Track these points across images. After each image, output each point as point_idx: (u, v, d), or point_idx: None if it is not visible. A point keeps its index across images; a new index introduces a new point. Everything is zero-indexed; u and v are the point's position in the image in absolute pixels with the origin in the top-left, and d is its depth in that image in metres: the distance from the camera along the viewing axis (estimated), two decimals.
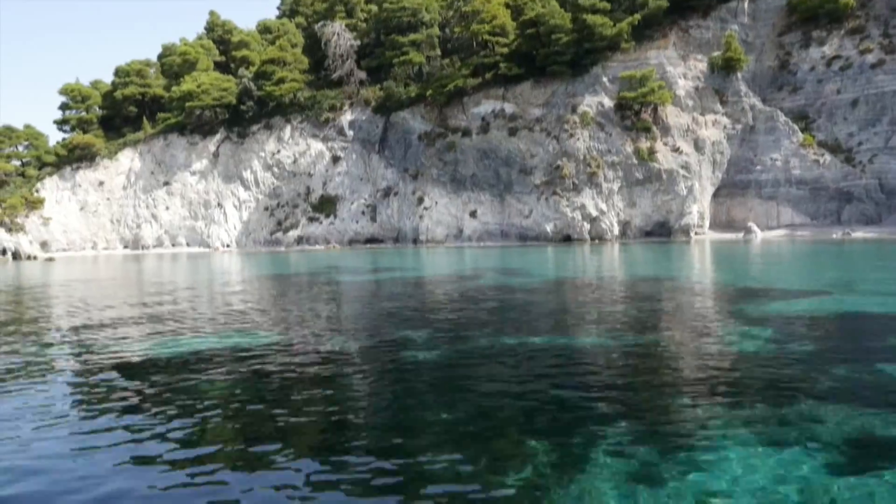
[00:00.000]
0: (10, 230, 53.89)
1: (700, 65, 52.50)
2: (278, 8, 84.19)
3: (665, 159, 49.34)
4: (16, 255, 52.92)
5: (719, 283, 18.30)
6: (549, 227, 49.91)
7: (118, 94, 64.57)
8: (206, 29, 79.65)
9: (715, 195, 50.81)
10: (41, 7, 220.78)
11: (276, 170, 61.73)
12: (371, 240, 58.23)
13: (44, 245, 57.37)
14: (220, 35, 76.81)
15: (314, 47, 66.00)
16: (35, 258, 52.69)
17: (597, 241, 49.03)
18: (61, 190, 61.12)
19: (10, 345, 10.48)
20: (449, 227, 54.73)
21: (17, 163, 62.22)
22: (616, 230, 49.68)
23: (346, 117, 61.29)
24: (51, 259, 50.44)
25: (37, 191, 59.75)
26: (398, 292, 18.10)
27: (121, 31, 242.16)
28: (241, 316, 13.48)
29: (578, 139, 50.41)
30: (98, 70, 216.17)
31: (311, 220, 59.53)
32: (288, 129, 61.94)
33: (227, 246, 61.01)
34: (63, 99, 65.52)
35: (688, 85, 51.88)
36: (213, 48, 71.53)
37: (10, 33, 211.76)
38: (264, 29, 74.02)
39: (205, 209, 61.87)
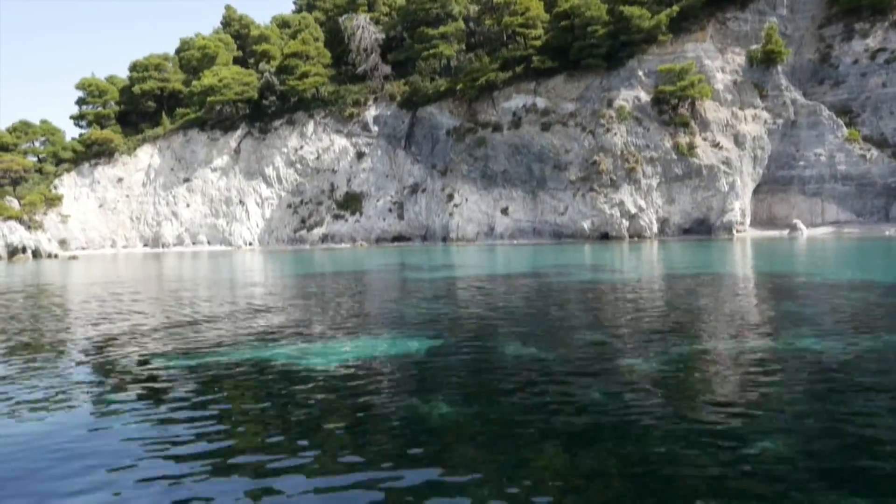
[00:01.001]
0: (29, 228, 52.44)
1: (738, 58, 51.17)
2: (294, 2, 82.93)
3: (705, 155, 48.00)
4: (36, 254, 51.49)
5: (820, 278, 16.89)
6: (585, 225, 48.56)
7: (136, 88, 63.13)
8: (222, 24, 78.34)
9: (755, 192, 49.45)
10: (53, 5, 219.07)
11: (298, 166, 60.35)
12: (398, 238, 56.85)
13: (62, 243, 55.94)
14: (236, 30, 75.52)
15: (334, 41, 64.69)
16: (56, 256, 51.29)
17: (636, 238, 47.68)
18: (79, 186, 59.70)
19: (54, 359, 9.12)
20: (479, 225, 53.37)
21: (33, 158, 60.68)
22: (655, 227, 48.33)
23: (371, 112, 59.92)
24: (74, 257, 49.01)
25: (54, 187, 58.35)
26: (471, 293, 16.72)
27: (132, 28, 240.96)
28: (298, 321, 12.12)
29: (616, 134, 49.06)
30: (110, 67, 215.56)
31: (336, 217, 58.14)
32: (311, 124, 60.56)
33: (250, 244, 59.63)
34: (80, 94, 64.04)
35: (726, 79, 50.55)
36: (232, 43, 70.14)
37: (23, 30, 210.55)
38: (282, 23, 72.67)
39: (226, 206, 60.48)
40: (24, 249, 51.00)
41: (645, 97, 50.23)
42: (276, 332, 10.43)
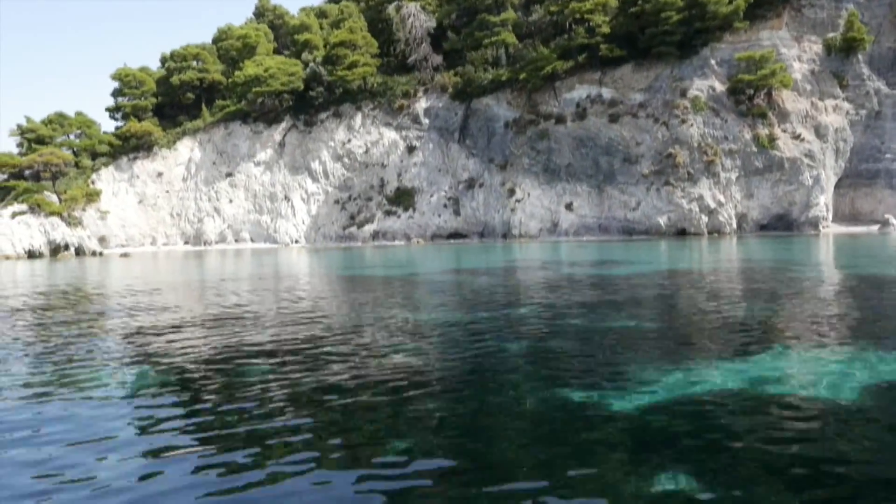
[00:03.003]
0: (68, 224, 49.84)
1: (815, 46, 48.97)
2: None
3: (787, 147, 45.76)
4: (79, 251, 48.89)
5: None
6: (661, 220, 46.26)
7: (174, 79, 60.50)
8: (255, 14, 75.84)
9: (836, 186, 47.30)
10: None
11: (346, 160, 57.89)
12: (453, 234, 54.45)
13: (102, 240, 53.33)
14: (270, 20, 72.99)
15: (376, 31, 62.23)
16: (101, 254, 48.70)
17: (715, 234, 45.42)
18: (118, 181, 57.11)
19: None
20: (542, 221, 51.02)
21: (68, 152, 57.95)
22: (734, 223, 46.07)
23: (421, 104, 57.50)
24: (125, 255, 46.39)
25: (92, 182, 55.73)
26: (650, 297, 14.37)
27: (160, 20, 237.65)
28: (402, 332, 9.76)
29: (692, 125, 46.77)
30: (138, 58, 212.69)
31: (387, 213, 55.68)
32: (359, 116, 58.10)
33: (296, 241, 57.13)
34: (115, 85, 61.34)
35: (803, 68, 48.34)
36: (270, 33, 67.59)
37: (47, 23, 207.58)
38: (320, 13, 70.16)
39: (270, 202, 57.95)
40: (66, 247, 48.41)
41: (719, 87, 47.97)
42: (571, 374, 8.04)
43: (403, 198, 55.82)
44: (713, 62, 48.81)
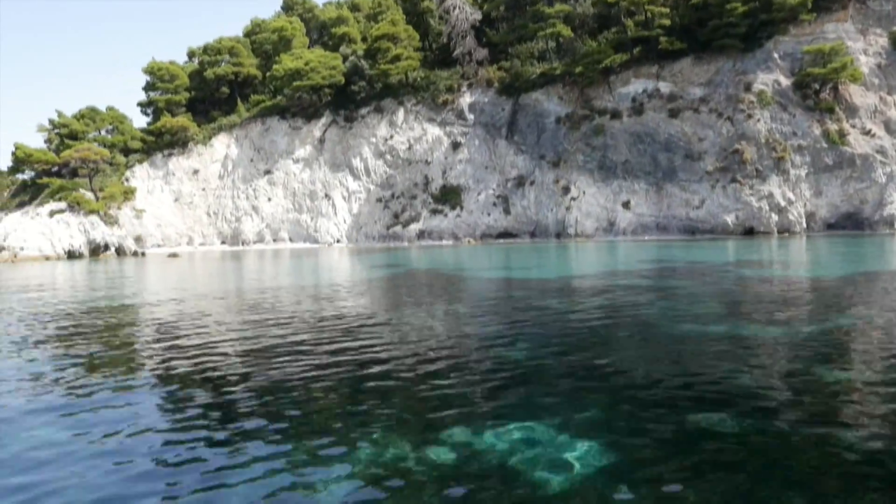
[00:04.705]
0: (107, 223, 47.81)
1: (881, 40, 47.46)
2: None
3: (857, 143, 44.22)
4: (119, 251, 46.87)
5: None
6: (729, 219, 44.61)
7: (209, 73, 58.50)
8: (283, 8, 73.89)
9: None
10: None
11: (388, 157, 56.05)
12: (503, 234, 52.67)
13: (137, 240, 51.30)
14: (299, 14, 71.06)
15: (413, 24, 60.38)
16: (143, 254, 46.71)
17: (786, 233, 43.83)
18: (152, 179, 55.11)
19: None
20: (598, 220, 49.33)
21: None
22: (804, 222, 44.48)
23: (466, 99, 55.72)
24: (174, 255, 44.35)
25: (126, 180, 53.70)
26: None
27: (185, 13, 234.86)
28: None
29: (759, 120, 45.16)
30: (164, 53, 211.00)
31: (433, 212, 53.85)
32: (401, 112, 56.27)
33: (337, 241, 55.25)
34: (147, 79, 59.20)
35: (870, 62, 46.80)
36: (303, 26, 65.64)
37: (65, 21, 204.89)
38: (353, 6, 68.33)
39: (310, 201, 56.03)
40: (106, 247, 46.38)
41: (784, 81, 46.38)
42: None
43: (450, 196, 54.02)
44: (776, 55, 47.22)
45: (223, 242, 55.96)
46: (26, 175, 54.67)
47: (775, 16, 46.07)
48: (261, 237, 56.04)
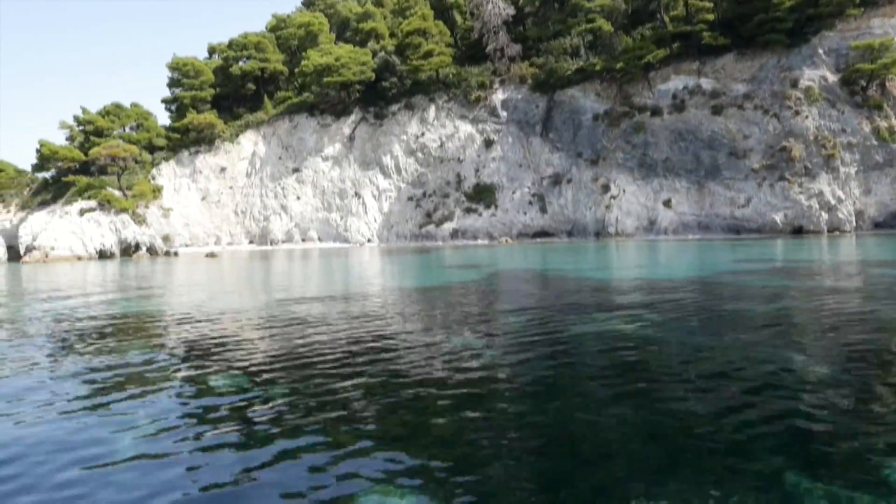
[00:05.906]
0: (136, 222, 46.57)
1: None
2: None
3: None
4: (151, 251, 45.64)
5: None
6: (777, 218, 43.69)
7: (234, 69, 57.33)
8: (304, 3, 72.74)
9: None
10: None
11: (419, 155, 54.98)
12: (539, 233, 51.64)
13: (165, 239, 50.08)
14: (321, 9, 69.96)
15: (441, 19, 59.39)
16: (175, 254, 45.50)
17: (836, 232, 42.92)
18: (179, 177, 53.90)
19: None
20: (639, 219, 48.38)
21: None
22: (853, 221, 43.58)
23: (498, 96, 54.72)
24: (212, 255, 43.14)
25: (152, 178, 52.46)
26: None
27: (206, 8, 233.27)
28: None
29: (807, 117, 44.27)
30: (181, 50, 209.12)
31: (467, 211, 52.80)
32: (432, 109, 55.23)
33: (368, 240, 54.13)
34: (171, 75, 57.94)
35: None
36: (326, 22, 64.49)
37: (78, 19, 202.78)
38: (377, 1, 67.20)
39: (340, 199, 54.92)
40: (137, 247, 45.15)
41: (831, 77, 45.50)
42: None
43: (484, 195, 52.98)
44: (821, 51, 46.34)
45: (251, 242, 54.81)
46: (49, 173, 53.35)
47: (822, 10, 45.25)
48: (289, 236, 54.88)
